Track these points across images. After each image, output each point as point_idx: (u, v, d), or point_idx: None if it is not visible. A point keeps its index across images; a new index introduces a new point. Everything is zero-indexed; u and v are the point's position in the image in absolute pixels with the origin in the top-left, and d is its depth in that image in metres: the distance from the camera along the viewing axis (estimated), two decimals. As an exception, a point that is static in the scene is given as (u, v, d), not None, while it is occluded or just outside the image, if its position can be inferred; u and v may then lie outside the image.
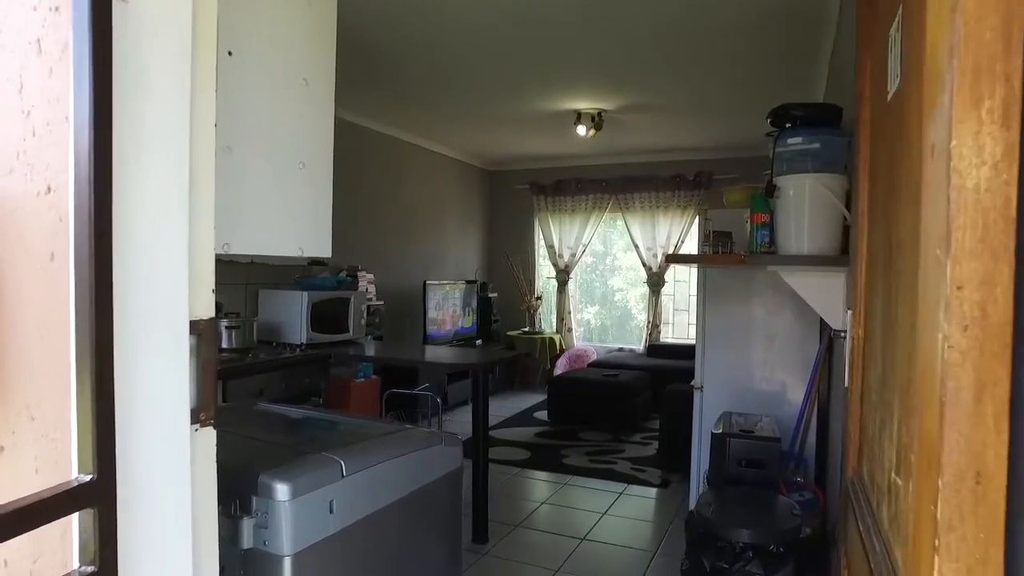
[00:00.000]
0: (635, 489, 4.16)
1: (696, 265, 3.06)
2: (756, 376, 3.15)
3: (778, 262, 2.24)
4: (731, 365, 3.19)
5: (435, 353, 3.37)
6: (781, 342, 3.11)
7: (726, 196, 3.21)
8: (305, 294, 3.47)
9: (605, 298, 7.95)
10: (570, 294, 7.82)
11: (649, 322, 7.40)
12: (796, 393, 3.05)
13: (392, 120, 5.88)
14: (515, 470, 4.49)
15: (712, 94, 4.81)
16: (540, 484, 4.28)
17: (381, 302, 5.78)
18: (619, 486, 4.20)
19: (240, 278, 3.50)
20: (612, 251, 7.90)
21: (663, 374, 6.27)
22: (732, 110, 5.25)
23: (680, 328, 7.60)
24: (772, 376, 3.14)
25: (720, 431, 2.61)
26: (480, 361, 2.90)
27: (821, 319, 3.05)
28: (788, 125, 2.24)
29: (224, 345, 3.14)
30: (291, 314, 3.43)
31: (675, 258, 2.57)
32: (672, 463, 4.37)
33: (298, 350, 3.21)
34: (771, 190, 2.25)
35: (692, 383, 3.29)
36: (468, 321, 7.02)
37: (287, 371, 2.94)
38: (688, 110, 5.30)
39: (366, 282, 5.67)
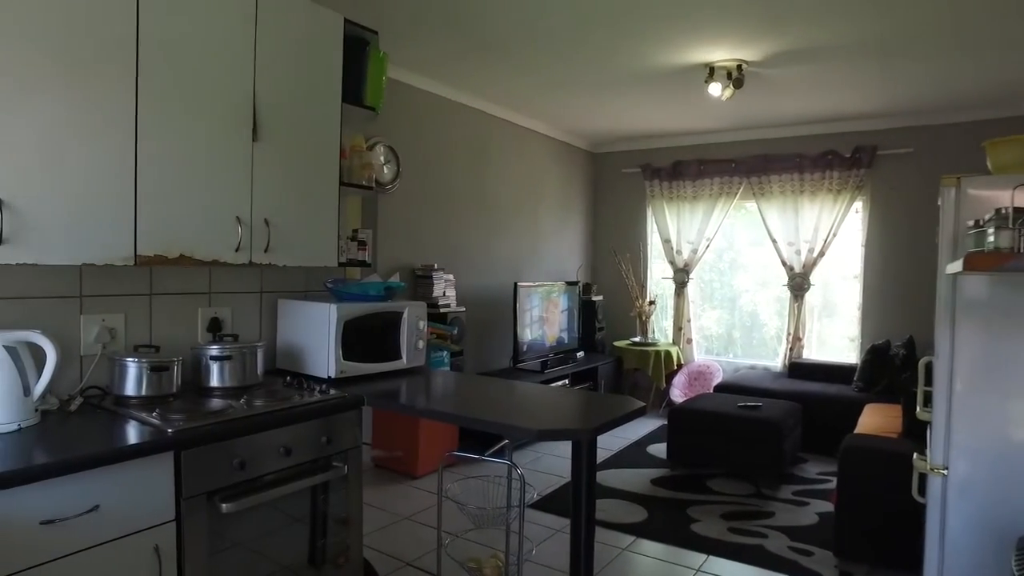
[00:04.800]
0: (801, 586, 2.92)
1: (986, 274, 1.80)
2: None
3: None
4: (1002, 434, 1.91)
5: (524, 399, 2.29)
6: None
7: (994, 154, 1.93)
8: (333, 307, 2.41)
9: (731, 302, 6.59)
10: (689, 298, 6.53)
11: (789, 334, 5.99)
12: None
13: (474, 87, 4.85)
14: (627, 540, 3.34)
15: (911, 25, 3.43)
16: (663, 568, 3.11)
17: (462, 308, 4.81)
18: (777, 578, 2.97)
19: (251, 284, 2.57)
20: (735, 245, 6.51)
21: (814, 404, 4.91)
22: (934, 46, 3.82)
23: (824, 341, 6.09)
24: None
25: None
26: (586, 427, 1.78)
27: None
28: None
29: (213, 383, 2.21)
30: (316, 335, 2.45)
31: None
32: (853, 546, 3.07)
33: (318, 390, 2.22)
34: None
35: (923, 462, 2.03)
36: (568, 329, 5.90)
37: (294, 426, 1.97)
38: (867, 54, 3.92)
39: (444, 284, 4.71)
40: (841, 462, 3.06)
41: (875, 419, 3.89)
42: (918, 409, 2.18)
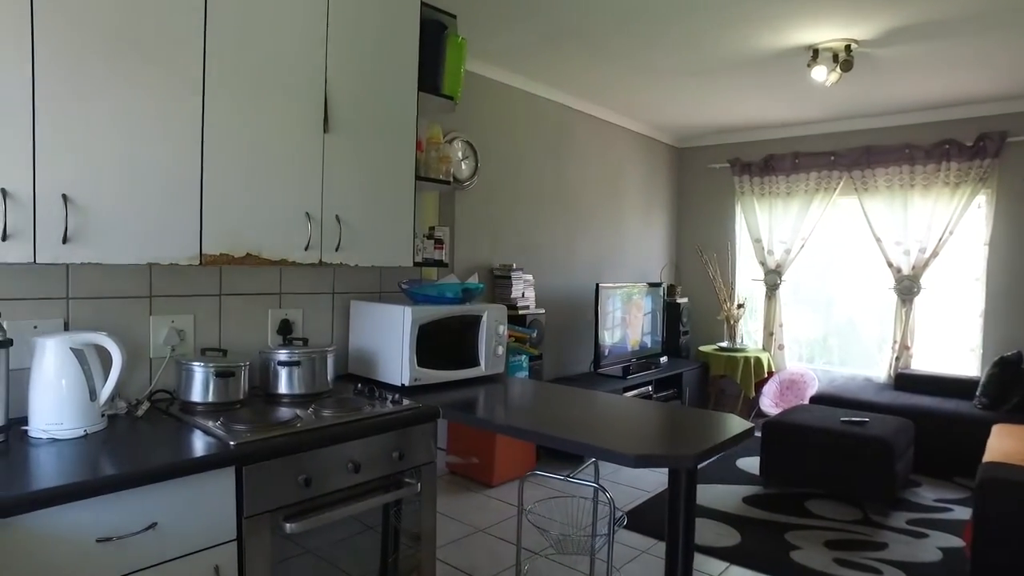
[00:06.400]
0: (927, 633, 2.56)
1: None
2: None
3: None
4: None
5: (613, 414, 2.07)
6: None
7: None
8: (408, 310, 2.25)
9: (826, 306, 6.09)
10: (781, 301, 6.09)
11: (896, 341, 5.47)
12: None
13: (555, 78, 4.65)
14: (719, 567, 3.06)
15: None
16: (762, 601, 2.81)
17: (542, 310, 4.61)
18: (896, 622, 2.62)
19: (323, 284, 2.46)
20: (832, 244, 5.99)
21: (928, 420, 4.43)
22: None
23: (936, 351, 5.50)
24: None
25: None
26: (688, 452, 1.54)
27: None
28: None
29: (281, 389, 2.11)
30: (389, 340, 2.31)
31: None
32: (988, 590, 2.68)
33: (390, 400, 2.07)
34: None
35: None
36: (651, 333, 5.61)
37: (365, 440, 1.82)
38: (999, 25, 3.46)
39: (523, 285, 4.53)
40: (978, 496, 2.66)
41: (1010, 442, 3.43)
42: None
